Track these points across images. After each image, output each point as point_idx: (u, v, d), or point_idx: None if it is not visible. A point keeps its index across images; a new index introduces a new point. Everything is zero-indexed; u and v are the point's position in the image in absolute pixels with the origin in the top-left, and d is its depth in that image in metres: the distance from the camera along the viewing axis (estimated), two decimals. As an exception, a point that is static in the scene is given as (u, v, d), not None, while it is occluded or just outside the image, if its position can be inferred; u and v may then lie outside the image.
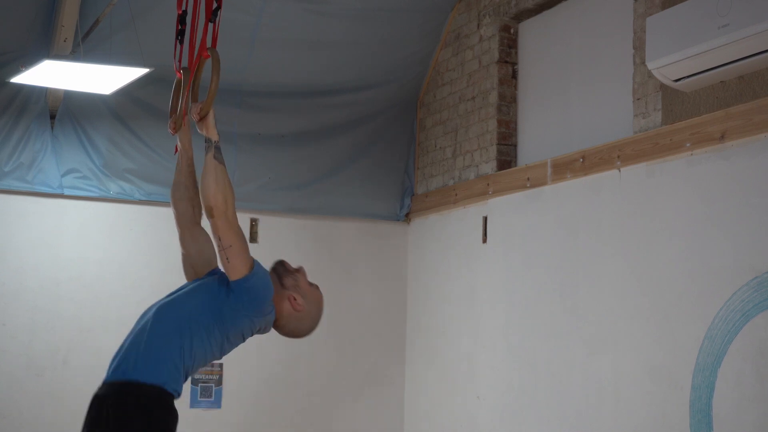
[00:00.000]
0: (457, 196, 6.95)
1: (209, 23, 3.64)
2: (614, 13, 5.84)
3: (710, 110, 4.97)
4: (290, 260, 8.19)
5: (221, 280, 3.54)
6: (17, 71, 5.98)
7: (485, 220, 6.66)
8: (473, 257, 6.75)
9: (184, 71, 3.73)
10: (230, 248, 3.44)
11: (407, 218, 7.60)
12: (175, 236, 7.06)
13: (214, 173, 3.44)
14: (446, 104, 7.24)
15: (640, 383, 5.23)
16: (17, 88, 6.45)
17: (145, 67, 5.73)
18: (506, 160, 6.64)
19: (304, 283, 3.68)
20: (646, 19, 5.27)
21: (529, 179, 6.22)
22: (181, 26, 3.78)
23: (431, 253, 7.28)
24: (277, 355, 7.16)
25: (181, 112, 3.71)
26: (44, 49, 6.25)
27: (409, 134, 7.61)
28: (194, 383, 6.92)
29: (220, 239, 3.44)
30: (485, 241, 6.64)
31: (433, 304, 7.21)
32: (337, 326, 7.38)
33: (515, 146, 6.67)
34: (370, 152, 7.51)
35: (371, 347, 7.46)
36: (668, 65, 4.98)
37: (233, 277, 3.46)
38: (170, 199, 3.80)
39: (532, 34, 6.64)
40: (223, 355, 3.60)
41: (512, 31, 6.73)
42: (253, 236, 7.15)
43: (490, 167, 6.65)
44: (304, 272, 3.70)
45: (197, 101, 3.61)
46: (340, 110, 7.41)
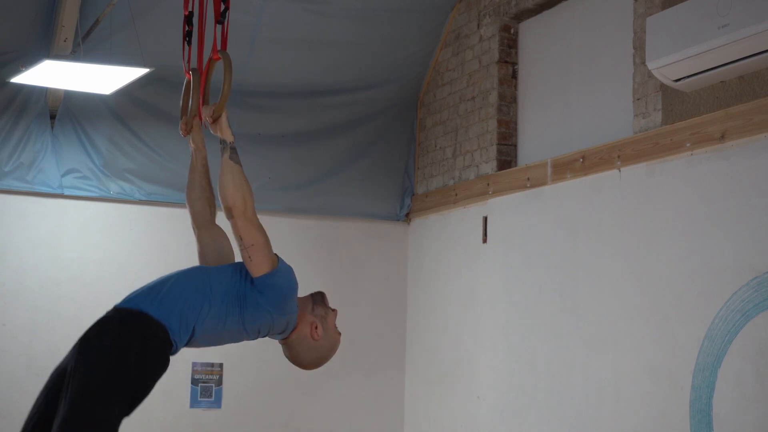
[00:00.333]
0: (457, 196, 6.95)
1: (218, 24, 3.63)
2: (614, 13, 5.84)
3: (710, 110, 4.97)
4: (290, 260, 8.17)
5: (246, 272, 3.55)
6: (17, 71, 5.98)
7: (485, 220, 6.66)
8: (473, 257, 6.75)
9: (193, 72, 3.73)
10: (252, 247, 3.47)
11: (407, 218, 7.60)
12: (175, 236, 7.11)
13: (231, 174, 3.46)
14: (446, 104, 7.24)
15: (640, 383, 5.23)
16: (17, 88, 6.45)
17: (145, 67, 5.73)
18: (506, 160, 6.64)
19: (331, 320, 3.79)
20: (646, 19, 5.27)
21: (529, 179, 6.22)
22: (188, 27, 3.78)
23: (431, 253, 7.28)
24: (276, 355, 7.10)
25: (191, 113, 3.71)
26: (44, 49, 6.25)
27: (409, 134, 7.61)
28: (194, 383, 6.92)
29: (241, 238, 3.47)
30: (485, 241, 6.64)
31: (433, 304, 7.21)
32: (337, 326, 7.37)
33: (515, 146, 6.67)
34: (370, 152, 7.51)
35: (371, 347, 7.45)
36: (668, 65, 4.98)
37: (256, 272, 3.48)
38: (185, 199, 3.80)
39: (532, 34, 6.64)
40: (230, 341, 3.60)
41: (512, 31, 6.73)
42: (253, 236, 7.15)
43: (490, 167, 6.65)
44: (336, 314, 3.81)
45: (208, 104, 3.61)
46: (340, 110, 7.41)
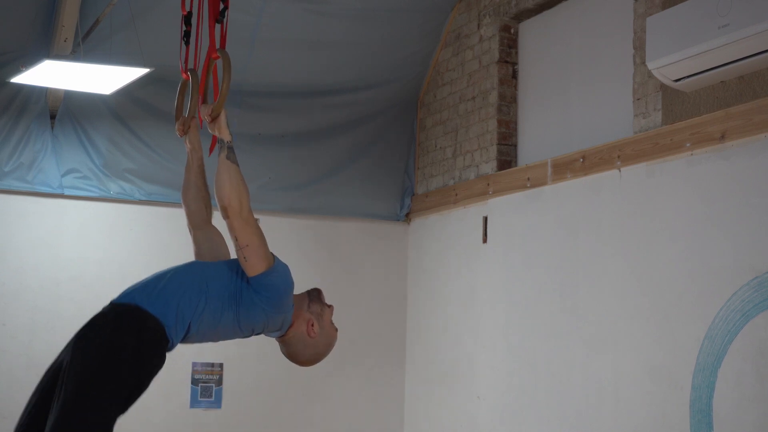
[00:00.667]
0: (457, 196, 6.95)
1: (216, 24, 3.63)
2: (614, 13, 5.84)
3: (710, 110, 4.97)
4: (290, 260, 8.17)
5: (242, 270, 3.55)
6: (17, 71, 5.98)
7: (485, 220, 6.66)
8: (473, 257, 6.75)
9: (191, 73, 3.73)
10: (247, 247, 3.45)
11: (407, 218, 7.60)
12: (175, 236, 7.10)
13: (227, 174, 3.45)
14: (446, 104, 7.24)
15: (640, 383, 5.23)
16: (17, 88, 6.45)
17: (145, 67, 5.73)
18: (506, 160, 6.64)
19: (327, 317, 3.78)
20: (646, 19, 5.27)
21: (529, 179, 6.22)
22: (186, 27, 3.78)
23: (431, 253, 7.28)
24: (277, 355, 7.09)
25: (190, 113, 3.70)
26: (44, 49, 6.25)
27: (409, 134, 7.61)
28: (194, 383, 6.92)
29: (236, 239, 3.45)
30: (485, 241, 6.64)
31: (433, 304, 7.21)
32: (337, 326, 7.36)
33: (515, 146, 6.67)
34: (370, 152, 7.51)
35: (371, 347, 7.46)
36: (668, 65, 4.98)
37: (252, 272, 3.47)
38: (181, 199, 3.80)
39: (532, 34, 6.64)
40: (225, 338, 3.60)
41: (512, 31, 6.73)
42: (253, 236, 7.15)
43: (490, 167, 6.65)
44: (332, 310, 3.80)
45: (207, 102, 3.60)
46: (340, 110, 7.41)
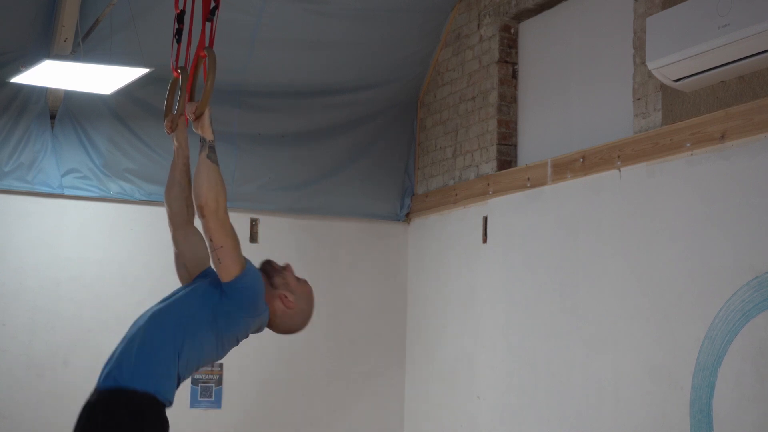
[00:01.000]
0: (457, 196, 6.95)
1: (207, 22, 3.64)
2: (614, 13, 5.84)
3: (710, 110, 4.97)
4: (290, 260, 8.18)
5: (213, 282, 3.52)
6: (17, 71, 5.98)
7: (485, 220, 6.66)
8: (473, 257, 6.75)
9: (181, 71, 3.74)
10: (221, 248, 3.41)
11: (407, 218, 7.60)
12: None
13: (206, 173, 3.42)
14: (446, 104, 7.24)
15: (640, 383, 5.23)
16: (17, 88, 6.45)
17: (145, 67, 5.73)
18: (506, 160, 6.64)
19: (292, 280, 3.67)
20: (646, 19, 5.27)
21: (529, 179, 6.22)
22: (178, 25, 3.78)
23: (431, 253, 7.28)
24: (276, 355, 7.16)
25: (177, 111, 3.71)
26: (44, 49, 6.25)
27: (409, 134, 7.61)
28: (194, 383, 6.92)
29: (211, 239, 3.41)
30: (485, 241, 6.64)
31: (433, 304, 7.21)
32: (337, 326, 7.38)
33: (515, 146, 6.67)
34: (370, 152, 7.51)
35: (371, 347, 7.46)
36: (668, 65, 4.98)
37: (225, 278, 3.43)
38: (164, 197, 3.80)
39: (532, 34, 6.64)
40: (217, 359, 3.59)
41: (512, 31, 6.73)
42: (253, 236, 7.15)
43: (490, 167, 6.65)
44: (291, 269, 3.70)
45: (193, 101, 3.61)
46: (340, 110, 7.41)
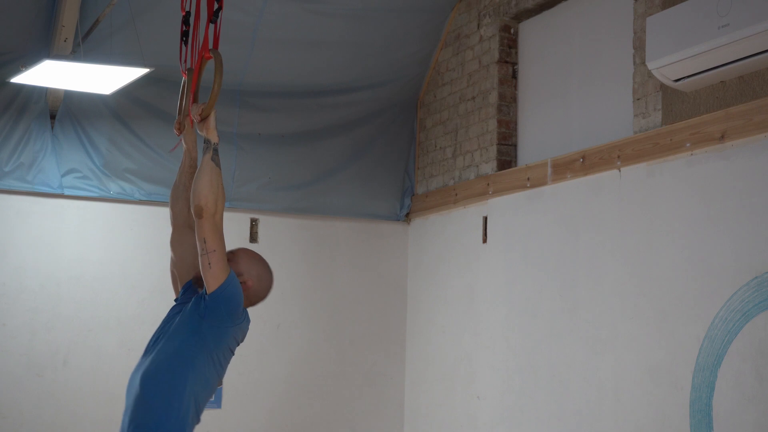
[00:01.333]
0: (457, 196, 6.95)
1: (211, 24, 3.64)
2: (614, 13, 5.84)
3: (710, 110, 4.97)
4: (290, 260, 8.20)
5: (190, 309, 3.49)
6: (17, 71, 5.98)
7: (485, 220, 6.66)
8: (473, 257, 6.75)
9: (189, 72, 3.74)
10: (213, 253, 3.39)
11: (407, 218, 7.60)
12: (175, 236, 7.06)
13: (209, 175, 3.41)
14: (446, 104, 7.24)
15: (640, 383, 5.23)
16: (17, 88, 6.45)
17: (145, 67, 5.73)
18: (506, 160, 6.64)
19: (240, 259, 3.63)
20: (646, 19, 5.27)
21: (529, 179, 6.22)
22: (185, 27, 3.78)
23: (431, 253, 7.28)
24: (276, 355, 7.16)
25: (183, 112, 3.72)
26: (44, 49, 6.25)
27: (409, 134, 7.61)
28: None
29: (205, 242, 3.39)
30: (485, 241, 6.64)
31: (433, 304, 7.21)
32: (337, 326, 7.38)
33: (515, 146, 6.67)
34: (370, 152, 7.51)
35: (371, 347, 7.46)
36: (668, 65, 4.98)
37: (213, 284, 3.42)
38: (169, 197, 3.80)
39: (532, 34, 6.64)
40: (221, 377, 3.59)
41: (512, 31, 6.73)
42: (253, 236, 7.15)
43: (490, 167, 6.65)
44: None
45: (198, 102, 3.61)
46: (340, 110, 7.41)
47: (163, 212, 6.91)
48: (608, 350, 5.47)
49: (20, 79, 5.96)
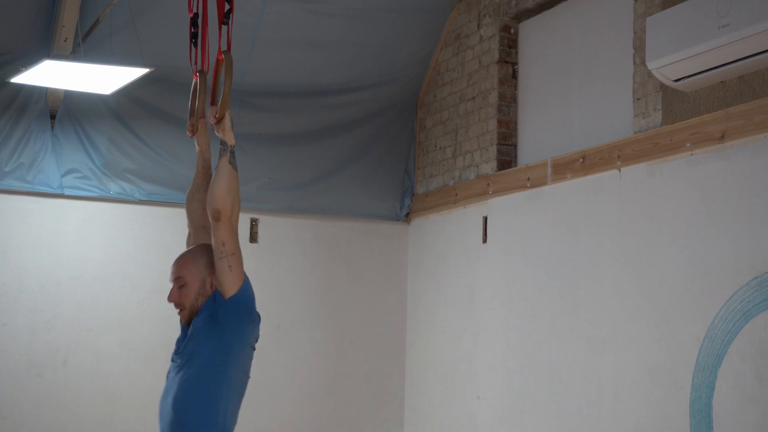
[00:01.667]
0: (457, 196, 6.95)
1: (222, 26, 3.63)
2: (614, 13, 5.84)
3: (710, 110, 4.97)
4: (290, 260, 8.18)
5: (208, 320, 3.46)
6: (17, 71, 5.98)
7: (485, 220, 6.66)
8: (473, 257, 6.75)
9: (200, 74, 3.74)
10: (233, 256, 3.39)
11: (407, 218, 7.60)
12: (175, 236, 7.10)
13: (227, 178, 3.41)
14: (446, 104, 7.24)
15: (640, 383, 5.23)
16: (17, 88, 6.45)
17: (145, 67, 5.73)
18: (506, 160, 6.64)
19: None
20: (646, 19, 5.27)
21: (529, 179, 6.22)
22: (194, 29, 3.77)
23: (431, 253, 7.28)
24: (276, 355, 7.16)
25: (197, 114, 3.71)
26: (44, 49, 6.25)
27: (409, 134, 7.61)
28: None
29: (224, 244, 3.38)
30: (485, 241, 6.64)
31: (433, 304, 7.21)
32: (337, 326, 7.38)
33: (515, 146, 6.67)
34: (370, 152, 7.51)
35: (371, 347, 7.46)
36: (668, 65, 4.98)
37: (234, 287, 3.42)
38: (185, 201, 3.80)
39: (532, 34, 6.64)
40: (248, 379, 3.60)
41: (512, 31, 6.73)
42: (253, 236, 7.15)
43: (490, 167, 6.65)
44: (173, 283, 3.54)
45: (215, 104, 3.60)
46: (340, 110, 7.41)
47: (163, 212, 6.92)
48: (608, 350, 5.47)
49: (20, 79, 5.96)
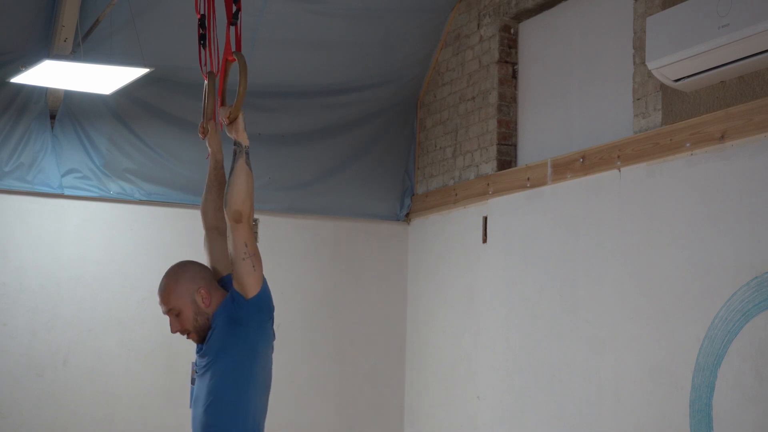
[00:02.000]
0: (457, 196, 6.95)
1: (231, 26, 3.63)
2: (614, 13, 5.84)
3: (710, 110, 4.97)
4: (290, 260, 8.15)
5: (230, 323, 3.49)
6: (17, 71, 5.98)
7: (485, 220, 6.66)
8: (473, 257, 6.75)
9: (210, 75, 3.73)
10: (255, 255, 3.42)
11: (407, 218, 7.60)
12: (175, 236, 7.11)
13: (246, 179, 3.40)
14: (446, 104, 7.24)
15: (640, 383, 5.23)
16: (17, 88, 6.45)
17: (145, 67, 5.73)
18: (506, 160, 6.64)
19: (198, 290, 3.57)
20: (646, 19, 5.27)
21: (529, 179, 6.22)
22: (202, 30, 3.78)
23: (431, 253, 7.28)
24: (276, 355, 7.13)
25: (207, 115, 3.71)
26: (44, 49, 6.25)
27: (409, 134, 7.61)
28: (194, 383, 6.91)
29: (246, 245, 3.39)
30: (485, 241, 6.64)
31: (433, 304, 7.21)
32: (337, 326, 7.38)
33: (515, 146, 6.67)
34: (370, 152, 7.51)
35: (371, 347, 7.46)
36: (668, 65, 4.98)
37: (256, 287, 3.45)
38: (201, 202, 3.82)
39: (532, 34, 6.64)
40: (271, 378, 3.66)
41: (512, 31, 6.73)
42: (253, 236, 7.15)
43: (490, 167, 6.65)
44: (164, 311, 3.59)
45: (225, 105, 3.59)
46: (340, 110, 7.41)
47: (163, 212, 6.92)
48: (608, 350, 5.47)
49: (20, 79, 5.96)
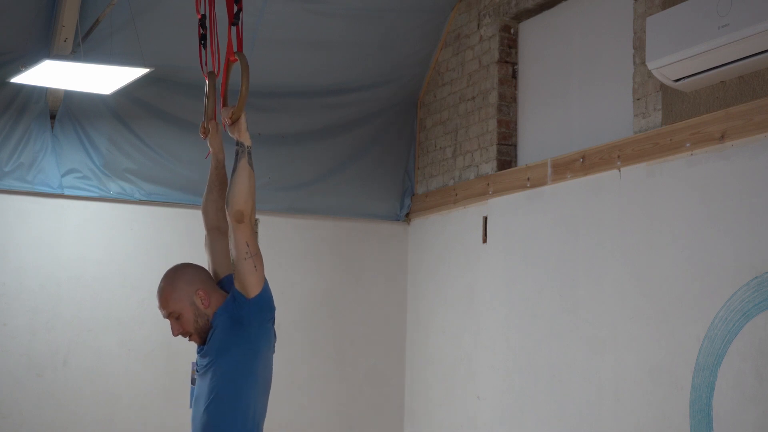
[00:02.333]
0: (457, 196, 6.95)
1: (232, 26, 3.62)
2: (614, 13, 5.84)
3: (710, 110, 4.97)
4: (290, 260, 8.15)
5: (233, 323, 3.49)
6: (17, 71, 5.98)
7: (485, 220, 6.66)
8: (473, 257, 6.75)
9: (210, 76, 3.73)
10: (257, 256, 3.42)
11: (407, 218, 7.60)
12: (175, 236, 7.11)
13: (248, 179, 3.40)
14: (446, 104, 7.24)
15: (640, 383, 5.23)
16: (17, 88, 6.45)
17: (145, 67, 5.73)
18: (506, 160, 6.64)
19: (196, 293, 3.56)
20: (646, 19, 5.27)
21: (529, 179, 6.22)
22: (202, 31, 3.78)
23: (431, 253, 7.28)
24: (276, 354, 7.14)
25: (207, 116, 3.71)
26: (44, 49, 6.25)
27: (409, 134, 7.61)
28: (194, 383, 6.91)
29: (248, 245, 3.39)
30: (485, 241, 6.64)
31: (433, 303, 7.21)
32: (337, 326, 7.38)
33: (515, 146, 6.67)
34: (370, 152, 7.51)
35: (371, 347, 7.46)
36: (668, 65, 4.98)
37: (257, 287, 3.44)
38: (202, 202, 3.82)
39: (532, 34, 6.64)
40: (272, 378, 3.66)
41: (512, 31, 6.73)
42: (253, 236, 7.15)
43: (490, 167, 6.65)
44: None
45: (227, 105, 3.59)
46: (340, 110, 7.42)
47: (163, 212, 6.92)
48: (608, 350, 5.47)
49: (20, 79, 5.96)
